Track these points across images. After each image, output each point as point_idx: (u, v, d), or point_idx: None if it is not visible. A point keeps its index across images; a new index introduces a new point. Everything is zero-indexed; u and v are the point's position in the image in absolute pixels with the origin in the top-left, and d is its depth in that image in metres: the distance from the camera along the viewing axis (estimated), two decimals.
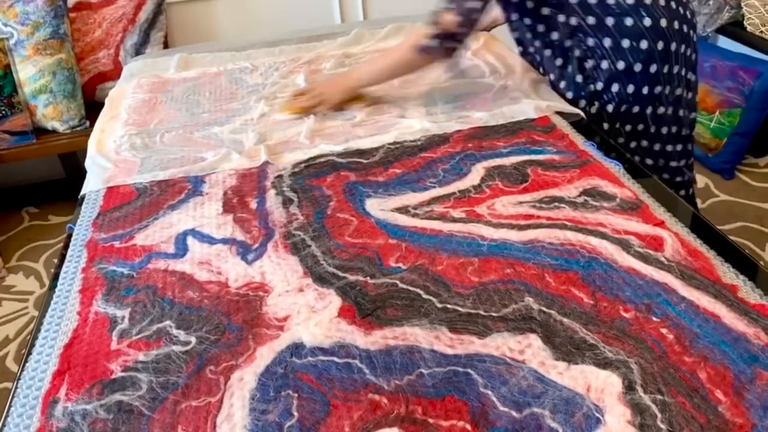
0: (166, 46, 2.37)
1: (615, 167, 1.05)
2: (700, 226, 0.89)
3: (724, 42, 2.51)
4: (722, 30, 2.37)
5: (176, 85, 1.56)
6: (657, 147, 1.37)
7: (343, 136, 1.23)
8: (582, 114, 1.27)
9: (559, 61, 1.33)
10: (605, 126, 1.32)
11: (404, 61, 1.30)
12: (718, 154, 2.39)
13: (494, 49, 1.59)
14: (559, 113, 1.25)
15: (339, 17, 2.55)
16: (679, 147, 1.39)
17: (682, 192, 1.45)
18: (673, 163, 1.41)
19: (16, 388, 0.73)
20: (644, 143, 1.35)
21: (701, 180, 2.38)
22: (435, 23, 1.22)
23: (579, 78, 1.31)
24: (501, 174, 1.05)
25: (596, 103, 1.31)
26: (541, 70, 1.40)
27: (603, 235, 0.87)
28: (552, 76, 1.37)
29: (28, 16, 2.07)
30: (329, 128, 1.28)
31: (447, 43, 1.24)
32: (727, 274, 0.79)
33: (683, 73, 1.31)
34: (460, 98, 1.35)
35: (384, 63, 1.35)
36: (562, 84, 1.35)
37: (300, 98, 1.37)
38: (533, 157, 1.09)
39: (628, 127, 1.32)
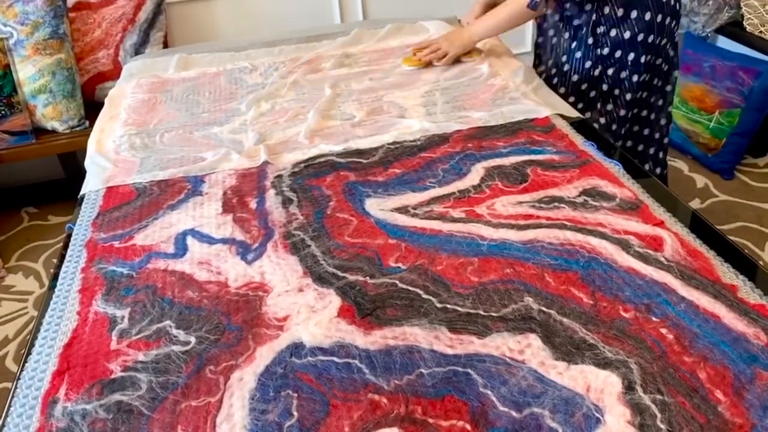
0: (165, 46, 2.37)
1: (615, 167, 1.05)
2: (699, 226, 0.89)
3: (724, 42, 2.51)
4: (722, 30, 2.37)
5: (176, 85, 1.56)
6: (644, 113, 1.53)
7: (342, 136, 1.23)
8: (581, 115, 1.27)
9: (576, 21, 1.46)
10: (605, 87, 1.48)
11: (515, 16, 1.45)
12: (717, 154, 2.39)
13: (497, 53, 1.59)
14: (559, 114, 1.26)
15: (339, 17, 2.55)
16: (662, 120, 1.56)
17: (657, 152, 1.62)
18: (657, 135, 1.57)
19: (16, 388, 0.73)
20: (634, 111, 1.51)
21: (701, 180, 2.39)
22: None
23: (590, 40, 1.44)
24: (501, 174, 1.05)
25: (600, 66, 1.45)
26: (561, 26, 1.51)
27: (603, 235, 0.87)
28: (567, 35, 1.49)
29: (28, 15, 2.07)
30: (329, 128, 1.28)
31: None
32: (726, 274, 0.79)
33: (667, 45, 1.47)
34: (459, 98, 1.35)
35: (497, 19, 1.48)
36: (574, 44, 1.48)
37: (421, 52, 1.53)
38: (533, 157, 1.09)
39: (616, 92, 1.49)
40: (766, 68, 2.23)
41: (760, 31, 2.21)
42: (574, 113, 1.27)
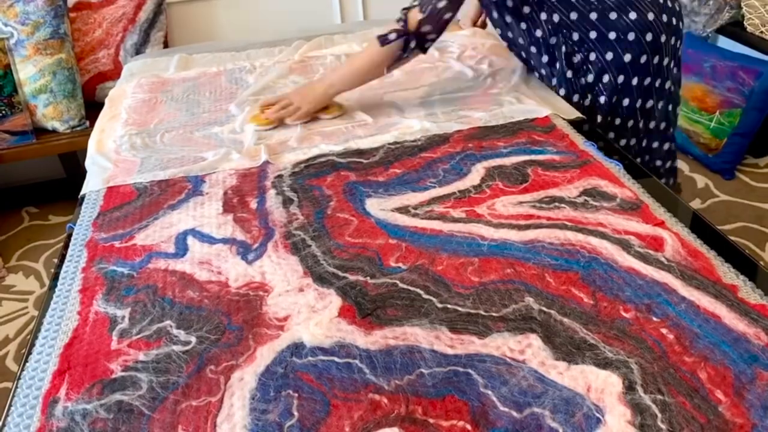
0: (166, 45, 2.37)
1: (615, 167, 1.05)
2: (700, 226, 0.89)
3: (724, 42, 2.51)
4: (722, 30, 2.37)
5: (176, 85, 1.56)
6: (644, 143, 1.38)
7: (343, 136, 1.23)
8: (581, 114, 1.27)
9: (545, 58, 1.33)
10: (599, 119, 1.32)
11: (373, 60, 1.26)
12: (718, 155, 2.38)
13: (493, 49, 1.59)
14: (560, 113, 1.26)
15: (339, 17, 2.55)
16: (666, 146, 1.41)
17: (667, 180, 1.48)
18: (659, 162, 1.42)
19: (16, 387, 0.73)
20: (633, 141, 1.36)
21: (701, 180, 2.38)
22: (402, 21, 1.23)
23: (569, 73, 1.31)
24: (501, 174, 1.05)
25: (589, 96, 1.32)
26: (531, 63, 1.41)
27: (603, 235, 0.87)
28: (543, 71, 1.37)
29: (28, 15, 2.07)
30: (329, 128, 1.28)
31: (413, 41, 1.23)
32: (727, 274, 0.79)
33: (672, 65, 1.32)
34: (459, 98, 1.35)
35: (354, 65, 1.30)
36: (554, 81, 1.36)
37: (268, 109, 1.30)
38: (533, 157, 1.09)
39: (617, 121, 1.33)
40: (767, 68, 2.23)
41: (761, 32, 2.21)
42: (574, 113, 1.27)
